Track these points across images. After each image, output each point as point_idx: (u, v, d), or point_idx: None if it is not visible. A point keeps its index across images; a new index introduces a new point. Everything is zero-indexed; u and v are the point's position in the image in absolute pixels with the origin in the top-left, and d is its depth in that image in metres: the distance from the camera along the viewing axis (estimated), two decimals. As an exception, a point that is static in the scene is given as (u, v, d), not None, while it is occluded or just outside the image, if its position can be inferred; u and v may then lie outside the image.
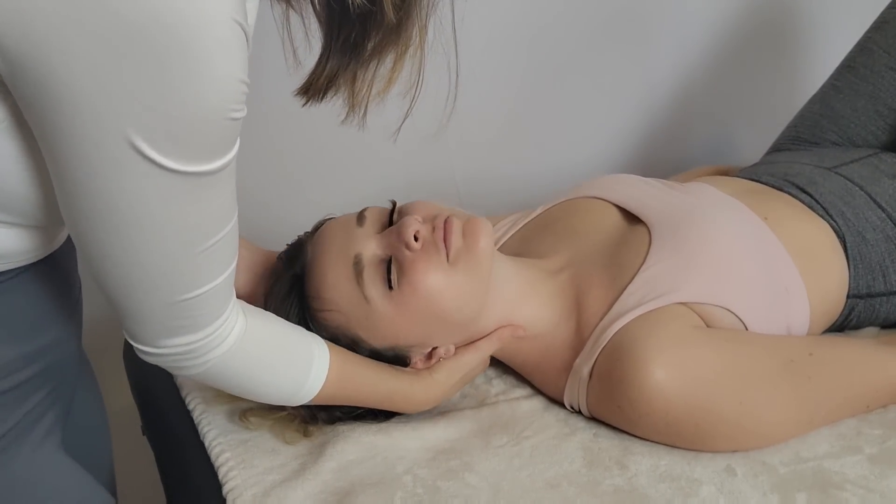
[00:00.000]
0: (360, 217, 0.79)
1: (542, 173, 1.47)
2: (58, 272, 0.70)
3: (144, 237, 0.54)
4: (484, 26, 1.36)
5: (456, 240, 0.76)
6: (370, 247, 0.77)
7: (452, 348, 0.81)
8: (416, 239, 0.75)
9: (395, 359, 0.79)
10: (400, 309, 0.75)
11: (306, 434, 0.80)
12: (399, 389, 0.78)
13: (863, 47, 1.14)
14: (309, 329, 0.77)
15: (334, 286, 0.76)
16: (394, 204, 0.81)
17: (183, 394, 0.88)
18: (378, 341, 0.78)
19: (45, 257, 0.66)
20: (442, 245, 0.76)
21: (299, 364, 0.72)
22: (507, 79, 1.42)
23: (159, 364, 0.66)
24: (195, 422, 0.83)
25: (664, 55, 1.55)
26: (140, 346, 0.64)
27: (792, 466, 0.71)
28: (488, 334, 0.82)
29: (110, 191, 0.50)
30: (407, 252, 0.75)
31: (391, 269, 0.75)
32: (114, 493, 0.83)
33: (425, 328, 0.77)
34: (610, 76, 1.52)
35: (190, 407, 0.85)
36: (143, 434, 0.97)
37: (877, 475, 0.69)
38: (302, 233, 0.85)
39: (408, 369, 0.80)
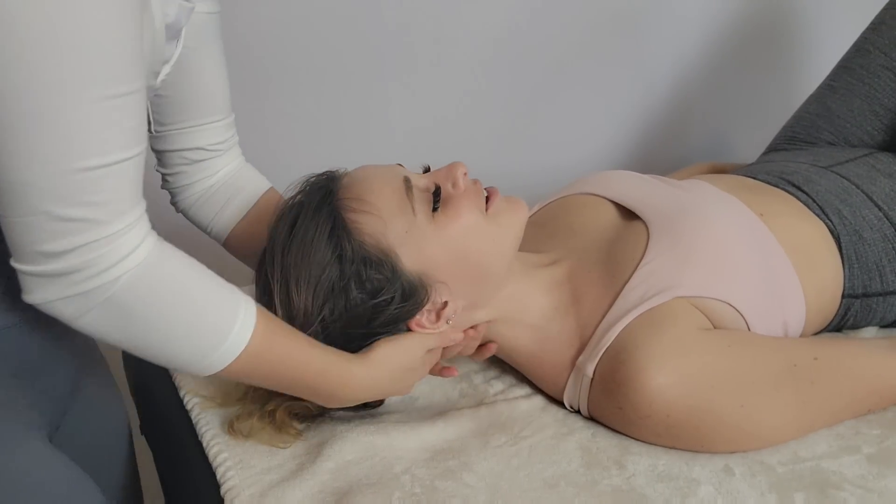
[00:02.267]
0: (400, 165, 0.81)
1: (541, 172, 1.48)
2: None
3: (36, 57, 0.46)
4: (484, 27, 1.37)
5: (501, 201, 0.79)
6: (419, 178, 0.78)
7: (460, 308, 0.78)
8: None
9: (412, 293, 0.74)
10: (439, 232, 0.75)
11: (298, 435, 0.79)
12: (335, 364, 0.71)
13: (859, 48, 1.14)
14: (336, 233, 0.72)
15: (381, 193, 0.74)
16: (427, 166, 0.83)
17: (181, 394, 0.87)
18: (410, 261, 0.74)
19: None
20: (483, 195, 0.79)
21: (224, 307, 0.62)
22: (507, 78, 1.43)
23: (48, 299, 0.54)
24: (193, 421, 0.83)
25: (662, 55, 1.56)
26: (23, 266, 0.53)
27: (790, 466, 0.71)
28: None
29: None
30: (451, 188, 0.77)
31: (438, 196, 0.76)
32: (138, 500, 0.82)
33: (452, 263, 0.76)
34: (608, 76, 1.53)
35: (188, 407, 0.85)
36: (142, 434, 0.97)
37: (875, 475, 0.69)
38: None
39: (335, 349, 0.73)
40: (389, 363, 0.75)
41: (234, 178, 0.87)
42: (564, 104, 1.52)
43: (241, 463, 0.75)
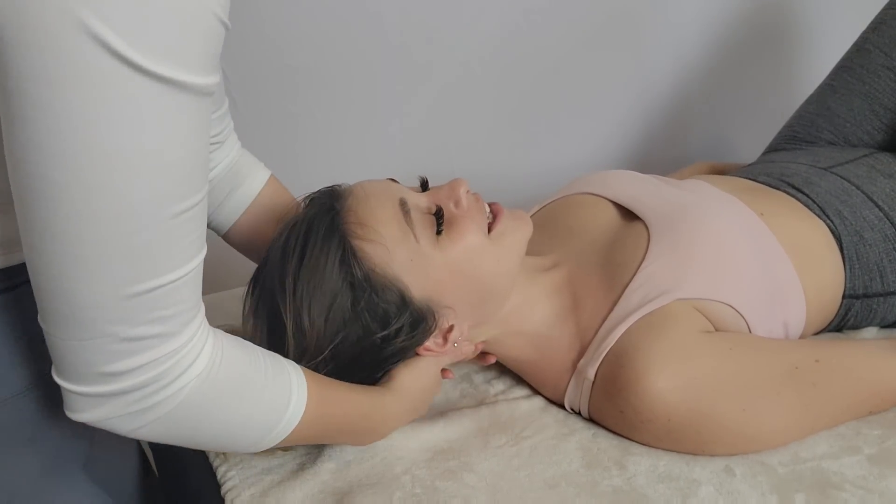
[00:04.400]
0: (393, 180, 0.79)
1: (541, 172, 1.48)
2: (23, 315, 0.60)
3: (103, 178, 0.43)
4: (484, 27, 1.37)
5: (507, 219, 0.79)
6: (416, 197, 0.76)
7: (466, 329, 0.79)
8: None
9: (420, 321, 0.74)
10: (444, 256, 0.74)
11: None
12: (374, 402, 0.72)
13: (859, 48, 1.14)
14: (347, 262, 0.70)
15: (382, 218, 0.72)
16: (424, 179, 0.81)
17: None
18: (418, 288, 0.73)
19: (8, 291, 0.58)
20: (487, 214, 0.78)
21: (279, 386, 0.62)
22: (507, 78, 1.43)
23: (106, 417, 0.51)
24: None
25: (662, 55, 1.56)
26: (78, 387, 0.50)
27: (791, 467, 0.71)
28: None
29: (61, 104, 0.41)
30: (454, 209, 0.76)
31: (441, 218, 0.75)
32: None
33: (459, 287, 0.75)
34: (608, 76, 1.53)
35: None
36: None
37: (876, 475, 0.69)
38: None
39: (369, 387, 0.74)
40: (413, 388, 0.76)
41: (234, 170, 0.85)
42: (564, 104, 1.52)
43: (241, 463, 0.75)
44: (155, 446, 0.92)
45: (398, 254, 0.72)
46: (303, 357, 0.70)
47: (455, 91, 1.40)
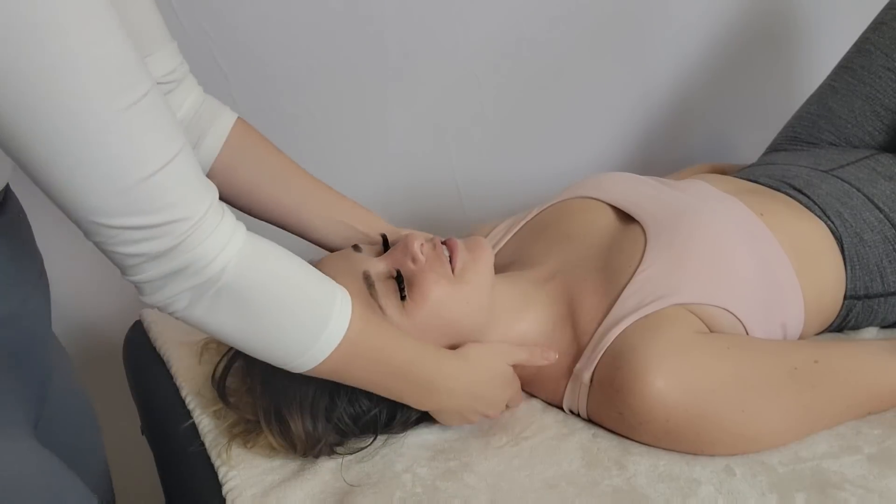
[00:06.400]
0: (355, 247, 0.80)
1: (541, 174, 1.47)
2: (13, 236, 0.66)
3: (45, 90, 0.47)
4: (484, 28, 1.37)
5: (463, 254, 0.78)
6: (376, 265, 0.77)
7: None
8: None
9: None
10: (413, 320, 0.75)
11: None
12: (429, 351, 0.73)
13: (860, 48, 1.14)
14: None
15: None
16: (384, 236, 0.82)
17: (183, 394, 0.88)
18: None
19: None
20: (446, 259, 0.77)
21: (324, 292, 0.64)
22: (507, 80, 1.43)
23: (173, 294, 0.57)
24: (195, 422, 0.83)
25: (662, 57, 1.55)
26: (138, 277, 0.57)
27: (791, 466, 0.71)
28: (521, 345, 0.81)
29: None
30: (413, 265, 0.76)
31: (402, 282, 0.75)
32: (109, 491, 0.81)
33: (435, 339, 0.76)
34: (609, 78, 1.53)
35: (189, 407, 0.85)
36: (143, 434, 0.97)
37: (876, 475, 0.69)
38: None
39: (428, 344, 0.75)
40: (483, 362, 0.76)
41: (199, 115, 0.82)
42: (565, 107, 1.51)
43: (242, 463, 0.76)
44: (155, 446, 0.92)
45: None
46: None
47: (456, 94, 1.40)
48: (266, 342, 0.64)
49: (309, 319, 0.63)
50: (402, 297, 0.74)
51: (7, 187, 0.70)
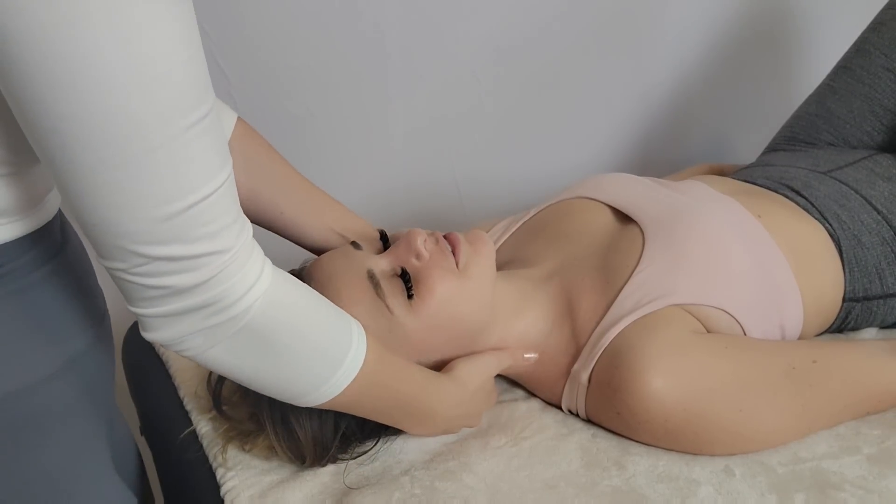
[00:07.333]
0: (354, 245, 0.79)
1: (541, 174, 1.48)
2: (74, 274, 0.62)
3: (103, 100, 0.42)
4: (484, 29, 1.37)
5: (465, 248, 0.78)
6: (379, 262, 0.76)
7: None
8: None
9: None
10: (421, 318, 0.74)
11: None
12: (433, 379, 0.74)
13: (859, 48, 1.14)
14: None
15: (353, 302, 0.72)
16: (383, 232, 0.82)
17: (181, 394, 0.87)
18: (403, 356, 0.74)
19: (58, 257, 0.59)
20: (449, 253, 0.77)
21: (340, 328, 0.63)
22: (506, 80, 1.43)
23: (183, 334, 0.53)
24: (193, 422, 0.83)
25: (661, 57, 1.56)
26: (150, 310, 0.52)
27: (790, 467, 0.71)
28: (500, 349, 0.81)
29: (43, 34, 0.40)
30: (417, 262, 0.76)
31: (409, 280, 0.74)
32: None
33: (443, 338, 0.76)
34: (608, 78, 1.53)
35: (188, 408, 0.85)
36: (142, 434, 0.97)
37: (875, 475, 0.69)
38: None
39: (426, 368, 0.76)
40: (473, 381, 0.77)
41: None
42: (564, 107, 1.51)
43: (240, 464, 0.76)
44: (155, 446, 0.92)
45: (375, 331, 0.72)
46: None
47: (456, 94, 1.40)
48: (279, 381, 0.62)
49: (327, 359, 0.62)
50: (410, 296, 0.74)
51: (59, 213, 0.64)
